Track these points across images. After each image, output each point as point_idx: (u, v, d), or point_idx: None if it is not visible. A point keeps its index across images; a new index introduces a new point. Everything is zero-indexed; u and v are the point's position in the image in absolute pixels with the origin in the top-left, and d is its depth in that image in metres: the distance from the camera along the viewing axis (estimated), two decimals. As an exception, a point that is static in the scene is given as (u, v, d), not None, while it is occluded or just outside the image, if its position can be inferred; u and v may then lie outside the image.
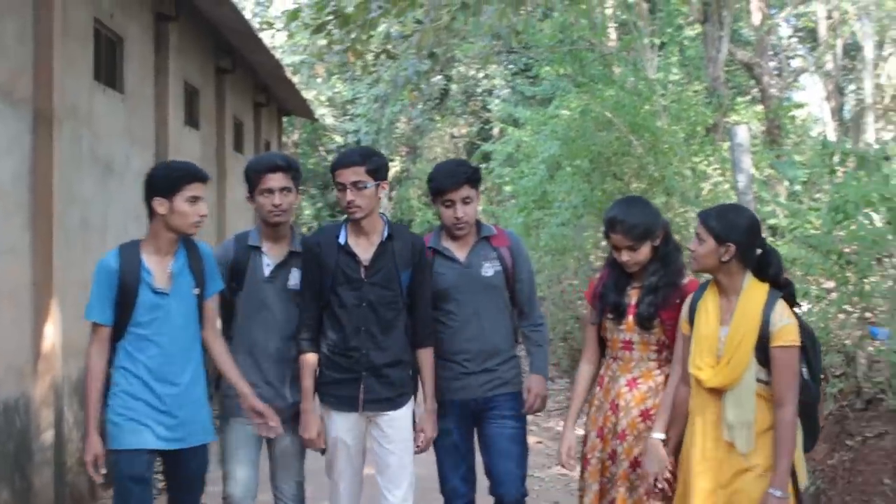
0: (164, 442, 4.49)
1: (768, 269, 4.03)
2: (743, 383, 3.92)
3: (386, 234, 4.77)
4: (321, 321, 4.74)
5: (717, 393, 3.98)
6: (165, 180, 4.49)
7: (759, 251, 4.06)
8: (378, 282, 4.70)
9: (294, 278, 4.85)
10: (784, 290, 4.02)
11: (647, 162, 10.02)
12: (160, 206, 4.46)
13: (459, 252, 4.96)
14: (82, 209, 7.53)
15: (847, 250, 5.87)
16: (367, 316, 4.68)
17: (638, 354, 4.55)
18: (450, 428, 4.93)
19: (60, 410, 6.83)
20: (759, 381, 3.91)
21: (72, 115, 7.31)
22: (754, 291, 4.01)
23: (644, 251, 4.45)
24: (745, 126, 8.51)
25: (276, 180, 4.80)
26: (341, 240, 4.77)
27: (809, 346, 4.00)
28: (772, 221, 8.87)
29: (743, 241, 4.00)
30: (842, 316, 6.16)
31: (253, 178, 4.85)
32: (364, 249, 4.76)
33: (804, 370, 3.96)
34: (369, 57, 12.01)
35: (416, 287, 4.76)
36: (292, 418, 4.78)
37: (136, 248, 4.55)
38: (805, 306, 6.87)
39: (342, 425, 4.72)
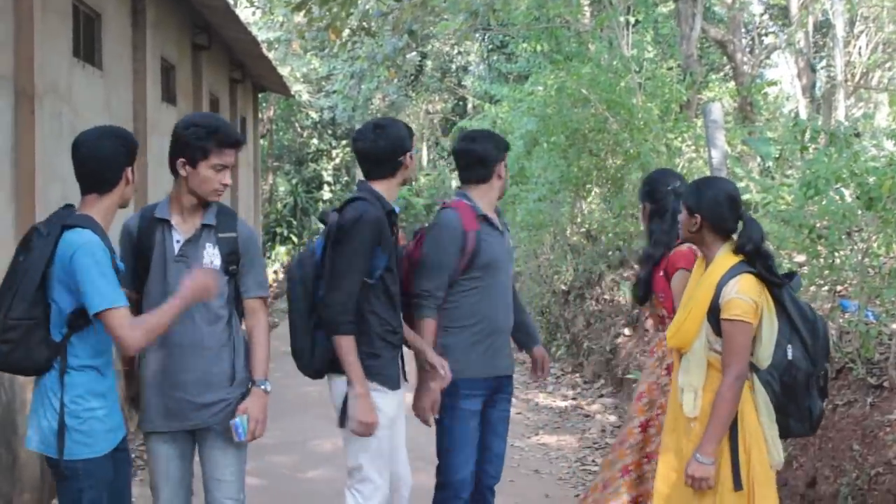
0: None
1: (742, 241, 3.98)
2: (693, 349, 3.98)
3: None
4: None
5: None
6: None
7: (741, 224, 4.05)
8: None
9: (209, 256, 4.16)
10: (762, 263, 3.95)
11: (623, 138, 10.12)
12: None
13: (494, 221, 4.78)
14: (63, 185, 7.54)
15: (818, 225, 5.99)
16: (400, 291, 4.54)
17: (653, 330, 4.64)
18: (478, 409, 4.70)
19: (44, 385, 6.84)
20: (714, 350, 3.93)
21: (52, 92, 7.34)
22: (721, 262, 4.01)
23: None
24: (719, 103, 8.66)
25: (233, 157, 4.19)
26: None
27: (803, 326, 3.92)
28: (745, 197, 9.00)
29: (709, 212, 4.02)
30: (813, 289, 6.30)
31: (204, 147, 4.11)
32: None
33: (789, 350, 3.88)
34: (346, 34, 12.01)
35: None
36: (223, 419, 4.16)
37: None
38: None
39: (396, 402, 4.45)
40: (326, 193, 33.60)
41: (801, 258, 6.82)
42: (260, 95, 21.45)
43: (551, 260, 14.18)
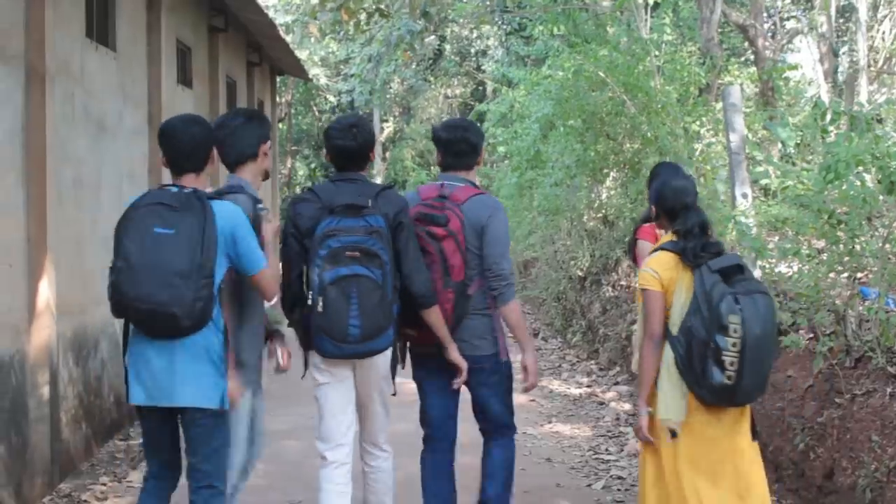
0: None
1: (678, 226, 4.62)
2: (638, 313, 4.78)
3: None
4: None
5: None
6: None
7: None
8: None
9: None
10: (689, 245, 4.50)
11: (640, 122, 10.00)
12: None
13: None
14: (75, 167, 7.51)
15: (838, 210, 5.90)
16: None
17: None
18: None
19: (55, 367, 6.84)
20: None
21: (64, 73, 7.27)
22: (661, 241, 4.81)
23: None
24: (738, 86, 8.54)
25: None
26: None
27: (702, 300, 4.37)
28: (764, 181, 8.89)
29: (658, 203, 4.76)
30: (833, 275, 6.20)
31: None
32: None
33: (690, 319, 4.39)
34: (362, 16, 11.92)
35: None
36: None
37: None
38: (795, 266, 6.92)
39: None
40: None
41: (820, 244, 6.71)
42: (278, 79, 21.37)
43: (568, 245, 14.09)
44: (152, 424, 4.39)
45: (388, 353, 4.78)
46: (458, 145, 5.15)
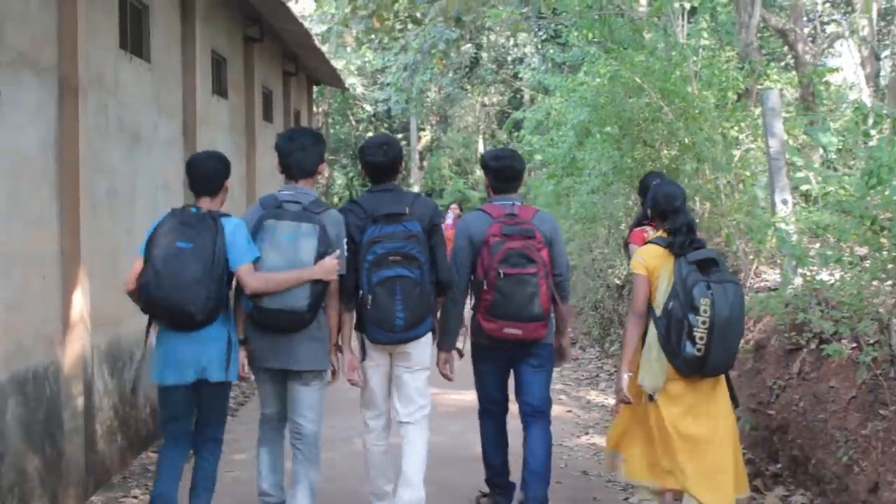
0: None
1: (668, 225, 5.51)
2: None
3: None
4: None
5: None
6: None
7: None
8: None
9: None
10: (676, 240, 5.40)
11: (678, 128, 9.86)
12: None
13: None
14: (109, 178, 7.50)
15: (882, 216, 5.75)
16: None
17: None
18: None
19: (90, 379, 6.83)
20: None
21: (97, 84, 7.27)
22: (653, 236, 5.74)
23: None
24: (777, 91, 8.38)
25: None
26: None
27: (680, 287, 5.25)
28: (805, 188, 8.73)
29: (651, 206, 5.70)
30: (876, 283, 6.05)
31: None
32: None
33: (671, 303, 5.26)
34: (396, 25, 11.88)
35: None
36: None
37: None
38: (837, 274, 6.78)
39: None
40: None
41: (862, 251, 6.56)
42: (315, 89, 21.40)
43: (605, 253, 13.95)
44: (176, 399, 5.41)
45: (427, 338, 5.70)
46: (505, 172, 6.12)
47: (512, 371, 6.14)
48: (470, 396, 6.61)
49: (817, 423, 6.08)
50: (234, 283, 5.43)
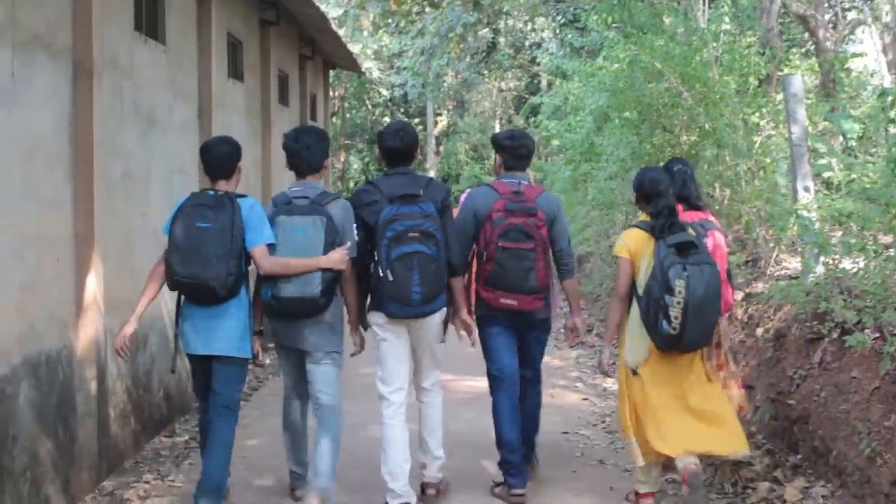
0: None
1: (651, 209, 5.97)
2: None
3: None
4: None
5: None
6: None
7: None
8: None
9: None
10: (657, 224, 5.83)
11: (698, 114, 9.73)
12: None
13: None
14: (124, 161, 7.46)
15: (909, 204, 5.65)
16: None
17: None
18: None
19: (103, 363, 6.80)
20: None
21: (112, 66, 7.22)
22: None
23: None
24: (800, 76, 8.25)
25: None
26: None
27: (658, 269, 5.64)
28: (827, 174, 8.62)
29: (637, 189, 6.13)
30: (901, 272, 5.96)
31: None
32: None
33: (650, 283, 5.67)
34: (414, 8, 11.79)
35: None
36: None
37: None
38: (860, 262, 6.67)
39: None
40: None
41: (887, 239, 6.45)
42: (331, 73, 21.32)
43: (623, 240, 13.81)
44: (205, 367, 5.84)
45: (442, 312, 6.03)
46: (518, 150, 6.47)
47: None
48: (483, 383, 6.76)
49: (839, 414, 5.96)
50: (251, 270, 5.80)
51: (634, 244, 5.91)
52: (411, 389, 6.25)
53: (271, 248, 5.70)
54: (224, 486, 5.82)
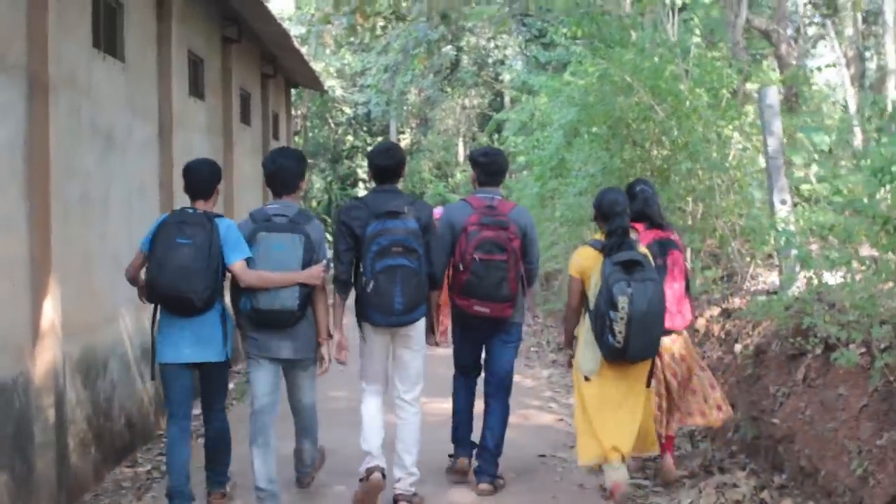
0: None
1: (605, 228, 6.32)
2: None
3: None
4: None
5: None
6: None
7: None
8: None
9: None
10: (608, 242, 6.21)
11: (669, 127, 9.61)
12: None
13: None
14: (82, 181, 7.24)
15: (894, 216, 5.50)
16: None
17: None
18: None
19: (62, 390, 6.57)
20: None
21: (69, 84, 7.01)
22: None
23: None
24: (775, 88, 8.14)
25: None
26: None
27: (603, 286, 6.03)
28: (805, 187, 8.52)
29: (596, 209, 6.48)
30: (890, 285, 5.80)
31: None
32: None
33: (597, 298, 6.09)
34: (378, 21, 11.61)
35: None
36: None
37: None
38: (838, 276, 6.54)
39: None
40: (361, 191, 33.32)
41: (870, 252, 6.30)
42: (293, 92, 21.12)
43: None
44: (176, 375, 6.15)
45: (422, 322, 6.43)
46: (490, 167, 6.89)
47: (484, 346, 7.01)
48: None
49: (827, 433, 5.78)
50: (229, 283, 6.22)
51: (585, 262, 6.34)
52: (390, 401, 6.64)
53: (249, 262, 6.03)
54: (228, 466, 6.49)
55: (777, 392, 6.67)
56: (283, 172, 6.34)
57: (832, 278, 6.65)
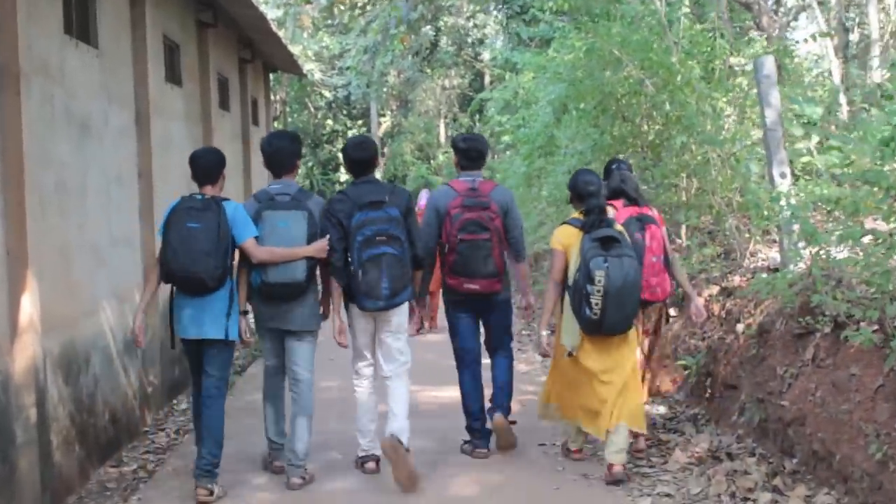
0: None
1: (583, 207, 6.68)
2: None
3: None
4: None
5: None
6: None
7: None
8: None
9: None
10: (586, 220, 6.57)
11: (661, 101, 9.39)
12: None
13: None
14: (58, 171, 6.98)
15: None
16: None
17: None
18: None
19: (43, 387, 6.36)
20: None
21: (41, 72, 6.74)
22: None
23: None
24: (772, 57, 7.92)
25: None
26: None
27: (582, 262, 6.37)
28: (805, 159, 8.32)
29: (571, 189, 6.92)
30: (899, 258, 5.57)
31: None
32: None
33: (577, 274, 6.44)
34: (358, 2, 11.33)
35: None
36: None
37: None
38: (844, 251, 6.35)
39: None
40: (343, 175, 33.10)
41: (880, 225, 6.07)
42: (272, 76, 20.83)
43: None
44: (195, 351, 6.66)
45: (406, 305, 6.81)
46: (472, 152, 7.31)
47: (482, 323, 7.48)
48: (448, 392, 7.80)
49: (840, 415, 5.56)
50: (236, 259, 6.62)
51: (566, 238, 6.70)
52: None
53: (257, 239, 6.53)
54: (218, 462, 6.56)
55: (784, 373, 6.46)
56: (279, 153, 6.85)
57: (837, 254, 6.43)
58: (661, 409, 8.27)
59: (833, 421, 5.66)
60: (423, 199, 18.12)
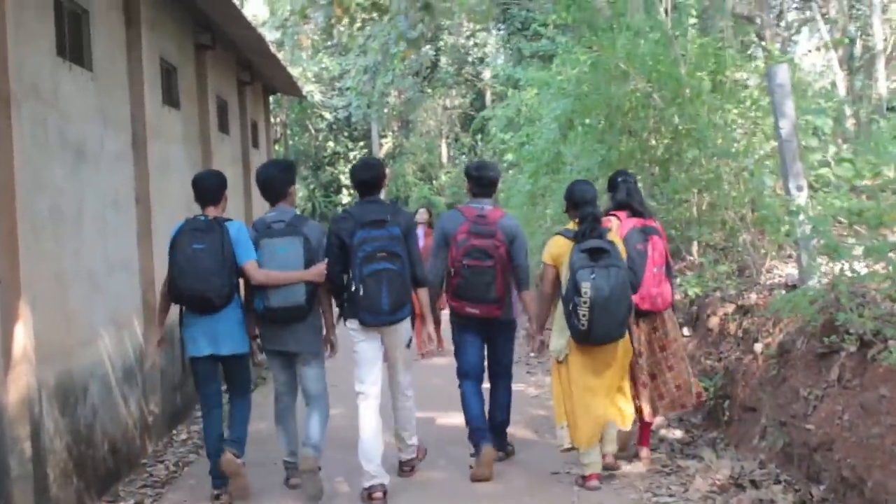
0: None
1: (577, 216, 6.78)
2: None
3: None
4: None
5: None
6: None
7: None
8: None
9: None
10: (579, 231, 6.62)
11: (670, 114, 9.18)
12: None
13: None
14: (52, 197, 6.80)
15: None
16: None
17: None
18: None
19: (38, 419, 6.19)
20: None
21: (33, 95, 6.57)
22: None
23: None
24: (786, 66, 7.72)
25: None
26: None
27: (571, 273, 6.44)
28: (821, 171, 8.11)
29: (567, 199, 7.10)
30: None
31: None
32: None
33: (567, 284, 6.55)
34: (357, 13, 11.16)
35: None
36: None
37: None
38: (865, 266, 6.14)
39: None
40: (345, 197, 32.98)
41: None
42: (272, 98, 20.69)
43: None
44: (205, 366, 6.88)
45: (408, 321, 6.98)
46: (484, 180, 7.49)
47: (485, 344, 7.59)
48: (454, 419, 7.97)
49: (871, 439, 5.29)
50: (242, 285, 6.91)
51: (557, 250, 6.84)
52: (386, 394, 7.20)
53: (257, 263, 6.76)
54: (244, 441, 6.95)
55: (808, 395, 6.20)
56: (271, 182, 7.12)
57: (860, 269, 6.20)
58: (678, 434, 8.00)
59: (863, 445, 5.39)
60: (420, 231, 18.01)
